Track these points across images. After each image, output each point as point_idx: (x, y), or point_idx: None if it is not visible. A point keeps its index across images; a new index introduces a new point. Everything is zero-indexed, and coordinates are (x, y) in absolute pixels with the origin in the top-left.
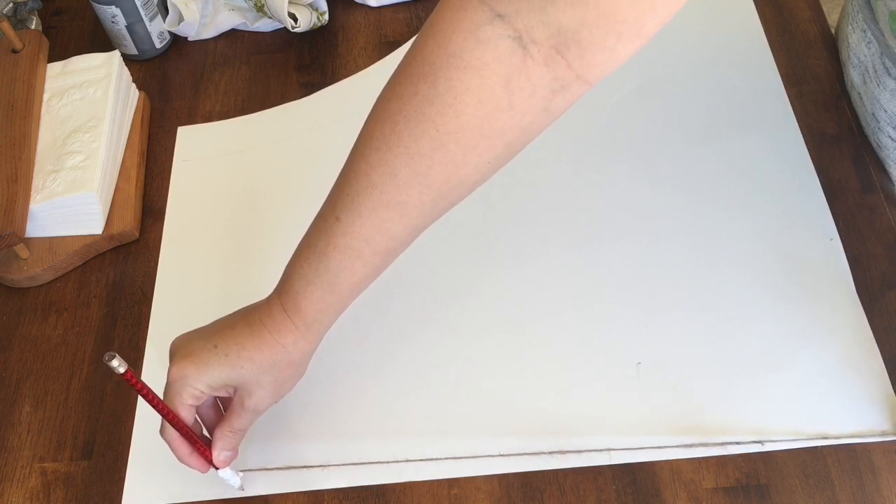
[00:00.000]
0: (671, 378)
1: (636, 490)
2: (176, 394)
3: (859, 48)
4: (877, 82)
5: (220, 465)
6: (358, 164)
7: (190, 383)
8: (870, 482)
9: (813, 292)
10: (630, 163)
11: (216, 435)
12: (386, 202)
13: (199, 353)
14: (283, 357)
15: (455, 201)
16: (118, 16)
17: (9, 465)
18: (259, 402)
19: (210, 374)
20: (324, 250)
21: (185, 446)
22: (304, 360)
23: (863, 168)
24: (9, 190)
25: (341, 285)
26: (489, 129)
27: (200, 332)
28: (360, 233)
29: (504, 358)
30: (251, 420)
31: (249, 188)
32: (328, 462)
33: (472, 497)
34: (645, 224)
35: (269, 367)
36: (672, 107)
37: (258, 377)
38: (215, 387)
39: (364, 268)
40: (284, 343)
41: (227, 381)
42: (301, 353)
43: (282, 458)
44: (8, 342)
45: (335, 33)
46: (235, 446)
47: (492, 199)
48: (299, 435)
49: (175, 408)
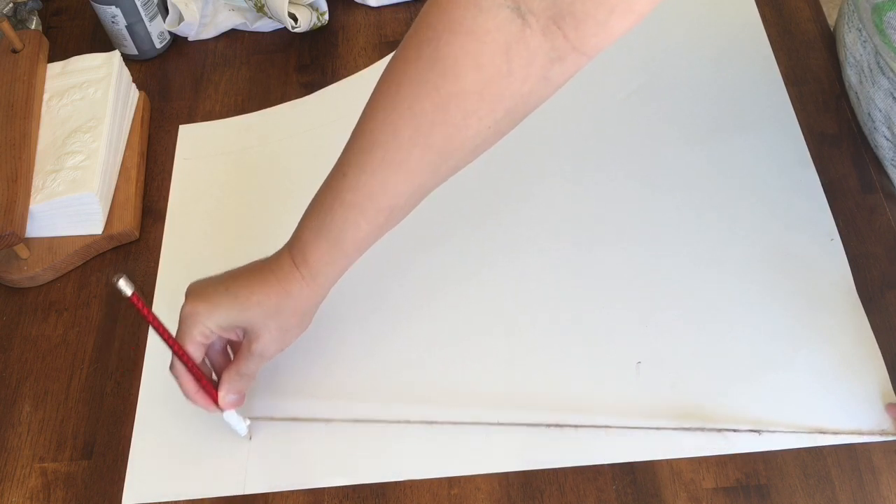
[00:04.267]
0: (671, 377)
1: (636, 490)
2: (186, 330)
3: (855, 48)
4: (871, 81)
5: (225, 407)
6: (365, 124)
7: (200, 321)
8: (870, 482)
9: (813, 292)
10: (631, 162)
11: (223, 377)
12: (389, 161)
13: (211, 293)
14: (289, 304)
15: (457, 165)
16: (118, 16)
17: (9, 465)
18: (265, 346)
19: (219, 313)
20: (330, 205)
21: (193, 383)
22: (309, 310)
23: (863, 168)
24: (9, 190)
25: (346, 240)
26: (489, 93)
27: (215, 277)
28: (365, 189)
29: (504, 358)
30: (257, 365)
31: (250, 187)
32: (332, 417)
33: (472, 497)
34: (645, 223)
35: (275, 312)
36: (672, 107)
37: (265, 321)
38: (224, 327)
39: (368, 224)
40: (291, 291)
41: (236, 322)
42: (307, 302)
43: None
44: (8, 342)
45: (335, 33)
46: (242, 391)
47: (491, 198)
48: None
49: (185, 344)
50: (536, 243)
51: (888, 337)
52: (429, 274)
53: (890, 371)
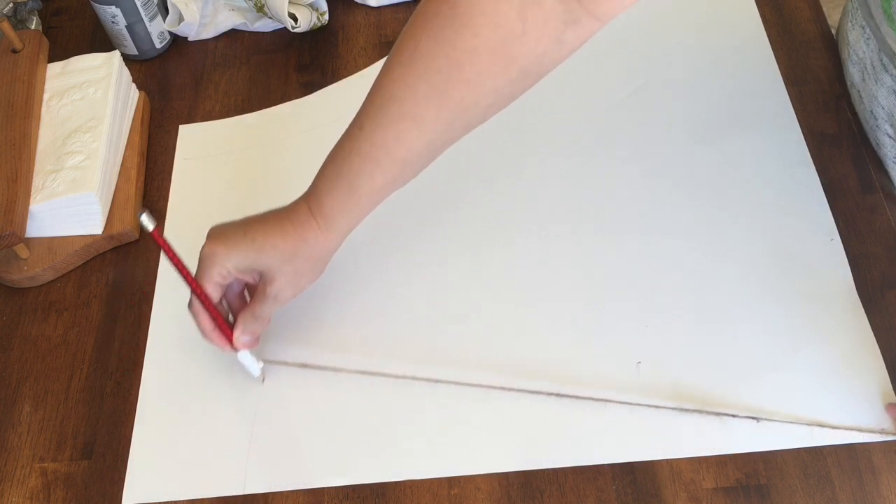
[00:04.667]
0: (671, 377)
1: (636, 490)
2: (205, 270)
3: (858, 45)
4: (874, 79)
5: (239, 347)
6: (383, 79)
7: (218, 261)
8: (870, 482)
9: (813, 292)
10: (631, 162)
11: (238, 318)
12: (405, 114)
13: (230, 236)
14: (304, 250)
15: (470, 124)
16: (118, 16)
17: (9, 465)
18: (279, 289)
19: (237, 255)
20: (347, 156)
21: (209, 322)
22: (323, 257)
23: (863, 168)
24: (9, 190)
25: (360, 190)
26: (503, 52)
27: (236, 221)
28: (380, 141)
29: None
30: (271, 308)
31: (250, 187)
32: (342, 367)
33: (472, 497)
34: (645, 223)
35: (290, 257)
36: (672, 107)
37: (280, 265)
38: (241, 269)
39: (382, 176)
40: (306, 237)
41: (252, 264)
42: (321, 249)
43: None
44: (8, 342)
45: (335, 33)
46: (256, 333)
47: (492, 196)
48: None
49: (203, 283)
50: (535, 247)
51: (888, 337)
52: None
53: (890, 371)
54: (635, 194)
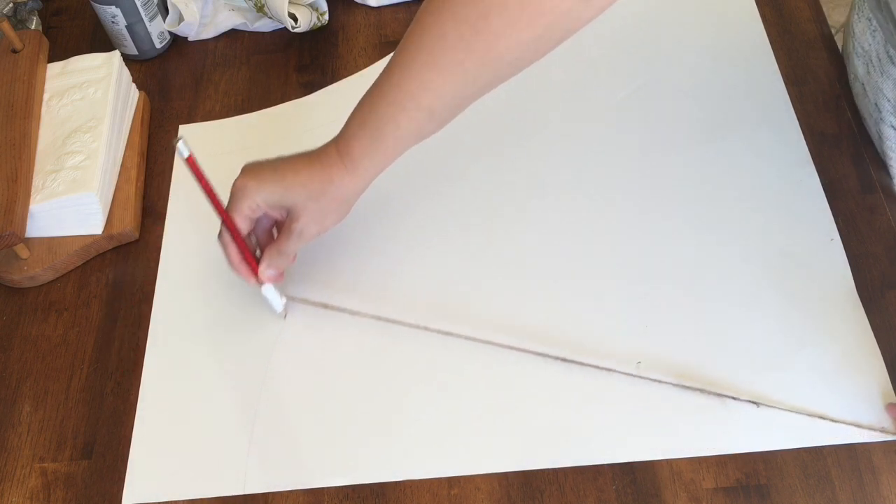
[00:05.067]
0: (671, 377)
1: (636, 490)
2: (235, 203)
3: (864, 37)
4: (880, 71)
5: (263, 280)
6: (414, 28)
7: (248, 195)
8: (870, 482)
9: (813, 292)
10: (631, 162)
11: (264, 252)
12: (432, 63)
13: (262, 172)
14: (330, 190)
15: (495, 78)
16: (118, 16)
17: (9, 465)
18: (304, 226)
19: (266, 190)
20: (375, 101)
21: (237, 253)
22: (348, 198)
23: (863, 168)
24: (9, 190)
25: (386, 135)
26: (530, 5)
27: (269, 159)
28: (407, 88)
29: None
30: (296, 244)
31: None
32: (359, 311)
33: (472, 497)
34: (645, 223)
35: (317, 195)
36: (673, 107)
37: (306, 203)
38: (270, 203)
39: (408, 122)
40: (332, 178)
41: (280, 200)
42: (346, 191)
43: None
44: (8, 342)
45: (335, 33)
46: (281, 268)
47: (492, 196)
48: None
49: (233, 215)
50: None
51: (888, 337)
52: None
53: (890, 371)
54: (635, 194)
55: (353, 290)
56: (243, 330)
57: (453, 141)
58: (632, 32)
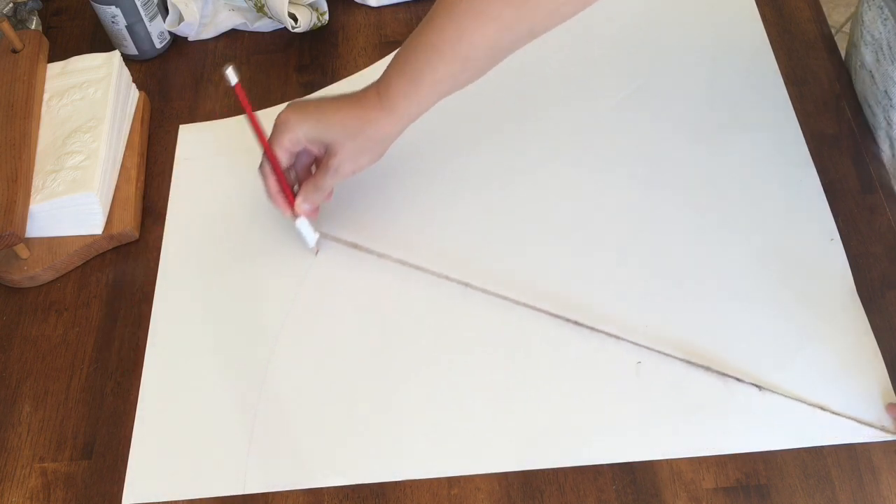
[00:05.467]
0: (671, 377)
1: (636, 490)
2: (277, 135)
3: (874, 26)
4: (891, 59)
5: (298, 213)
6: None
7: (290, 128)
8: (870, 482)
9: (813, 292)
10: (631, 163)
11: (302, 187)
12: (472, 11)
13: (304, 108)
14: (367, 129)
15: (529, 31)
16: (118, 16)
17: (9, 465)
18: (340, 162)
19: (307, 124)
20: (416, 46)
21: (275, 184)
22: (383, 139)
23: (863, 168)
24: (9, 190)
25: (424, 79)
26: None
27: (313, 98)
28: (446, 34)
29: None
30: (332, 180)
31: (250, 187)
32: (385, 253)
33: (472, 497)
34: (645, 223)
35: (354, 133)
36: (673, 107)
37: (343, 140)
38: (309, 138)
39: (445, 68)
40: (370, 118)
41: (319, 135)
42: (382, 132)
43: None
44: (8, 342)
45: (335, 33)
46: (316, 203)
47: (493, 198)
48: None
49: (274, 147)
50: (535, 249)
51: (888, 337)
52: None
53: (890, 371)
54: (635, 194)
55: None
56: (244, 329)
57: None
58: (632, 32)
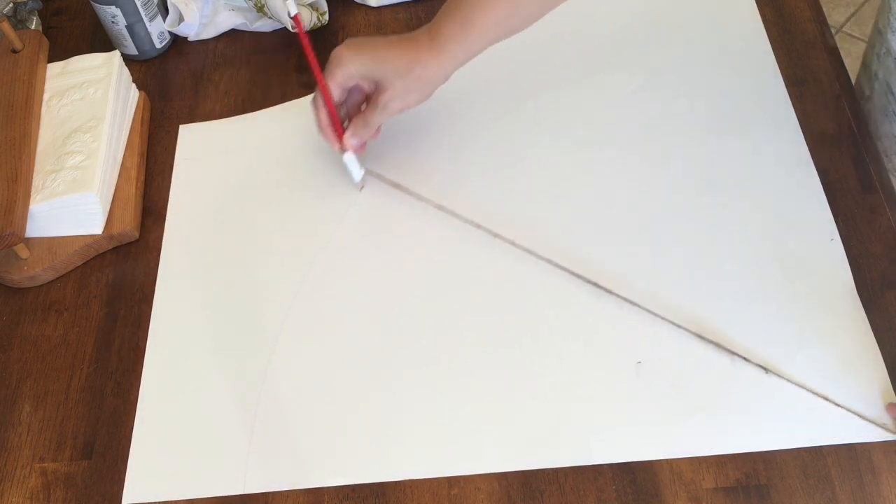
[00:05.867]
0: (671, 377)
1: (636, 490)
2: (331, 69)
3: None
4: None
5: (346, 147)
6: None
7: (344, 63)
8: (870, 482)
9: (813, 292)
10: (630, 163)
11: (351, 122)
12: None
13: (359, 45)
14: (416, 69)
15: None
16: (118, 16)
17: (9, 465)
18: (389, 99)
19: (360, 61)
20: None
21: (326, 117)
22: (431, 80)
23: (863, 168)
24: (9, 190)
25: (474, 22)
26: None
27: (368, 36)
28: None
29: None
30: (381, 117)
31: (250, 187)
32: (424, 196)
33: (472, 497)
34: (645, 223)
35: (403, 72)
36: (673, 107)
37: (393, 78)
38: (362, 73)
39: (494, 12)
40: (420, 58)
41: (370, 72)
42: (431, 72)
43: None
44: (8, 342)
45: (335, 33)
46: (364, 138)
47: (493, 202)
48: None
49: (327, 81)
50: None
51: (888, 337)
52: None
53: (890, 371)
54: (635, 194)
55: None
56: (244, 329)
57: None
58: (632, 32)
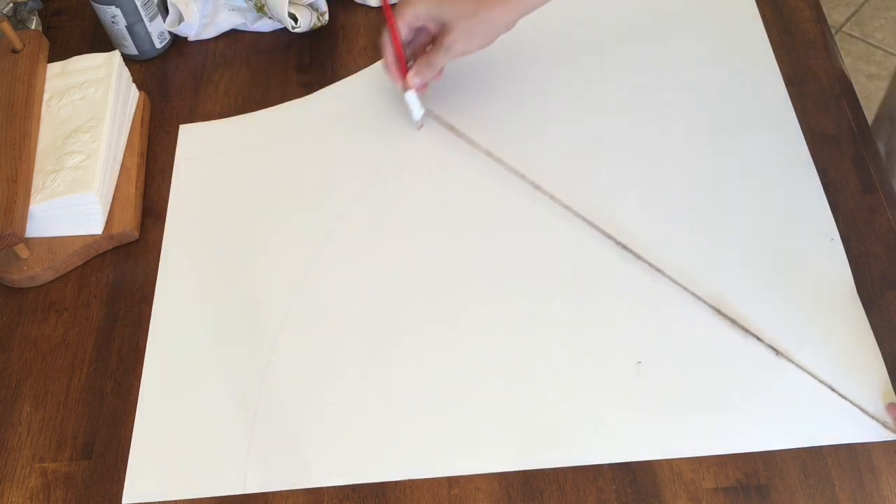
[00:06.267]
0: (671, 377)
1: (636, 490)
2: (401, 10)
3: None
4: None
5: (409, 85)
6: None
7: (412, 3)
8: (870, 482)
9: (813, 292)
10: (630, 162)
11: (416, 62)
12: None
13: None
14: (481, 13)
15: None
16: (118, 16)
17: (9, 465)
18: (453, 41)
19: (428, 1)
20: None
21: (392, 54)
22: (495, 26)
23: (863, 168)
24: (9, 190)
25: None
26: None
27: None
28: None
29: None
30: (444, 58)
31: (250, 187)
32: (479, 143)
33: (472, 497)
34: (645, 223)
35: (469, 15)
36: (673, 106)
37: (458, 21)
38: (429, 14)
39: None
40: (486, 3)
41: (437, 13)
42: (494, 18)
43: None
44: (8, 342)
45: (335, 33)
46: (426, 78)
47: (493, 206)
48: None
49: (396, 19)
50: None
51: (888, 337)
52: (419, 293)
53: (890, 371)
54: (634, 194)
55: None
56: (244, 329)
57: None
58: (631, 32)
